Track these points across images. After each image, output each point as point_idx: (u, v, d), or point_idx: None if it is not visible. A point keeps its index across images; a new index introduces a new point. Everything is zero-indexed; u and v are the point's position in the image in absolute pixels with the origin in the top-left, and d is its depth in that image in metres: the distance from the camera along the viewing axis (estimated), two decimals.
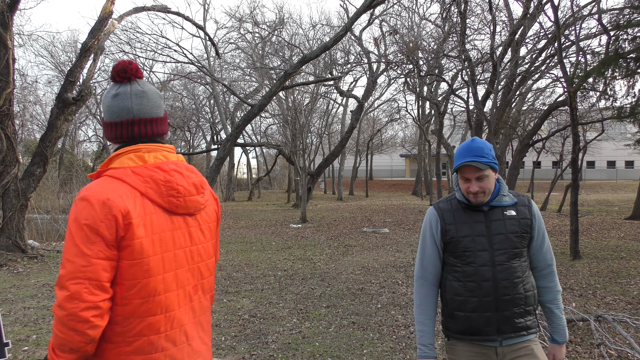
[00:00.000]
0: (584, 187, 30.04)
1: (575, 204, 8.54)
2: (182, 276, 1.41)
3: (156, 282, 1.33)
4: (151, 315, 1.33)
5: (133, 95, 1.43)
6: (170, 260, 1.37)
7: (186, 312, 1.42)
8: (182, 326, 1.41)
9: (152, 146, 1.43)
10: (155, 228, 1.34)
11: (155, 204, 1.36)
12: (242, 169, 45.25)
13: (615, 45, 8.59)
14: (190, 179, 1.44)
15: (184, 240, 1.42)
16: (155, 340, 1.33)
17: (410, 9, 19.59)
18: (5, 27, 7.73)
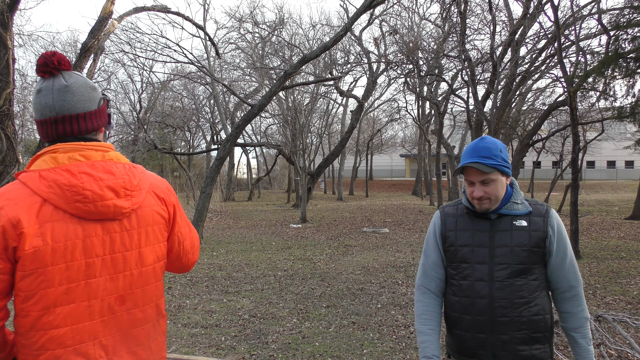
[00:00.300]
0: (584, 187, 30.04)
1: (575, 204, 8.54)
2: (98, 286, 1.28)
3: (57, 293, 1.22)
4: (54, 328, 1.23)
5: (55, 91, 1.31)
6: (79, 270, 1.25)
7: (104, 324, 1.29)
8: (97, 339, 1.28)
9: (71, 145, 1.31)
10: (56, 236, 1.22)
11: (60, 210, 1.24)
12: (242, 169, 45.26)
13: (615, 45, 8.59)
14: (105, 181, 1.29)
15: (100, 248, 1.28)
16: (61, 354, 1.24)
17: (410, 9, 19.60)
18: (5, 27, 7.74)
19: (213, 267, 8.03)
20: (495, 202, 1.74)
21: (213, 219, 16.91)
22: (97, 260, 1.28)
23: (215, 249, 10.09)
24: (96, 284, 1.28)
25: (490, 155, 1.72)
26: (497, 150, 1.73)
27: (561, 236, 1.74)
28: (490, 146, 1.73)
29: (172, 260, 1.54)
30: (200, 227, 11.12)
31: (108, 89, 28.95)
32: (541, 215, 1.76)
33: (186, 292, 6.30)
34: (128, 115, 28.86)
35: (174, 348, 4.22)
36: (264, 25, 21.78)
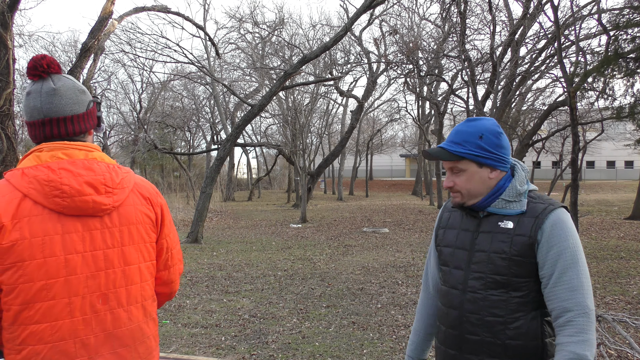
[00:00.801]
0: (583, 187, 30.04)
1: (575, 204, 8.55)
2: (79, 283, 1.27)
3: (35, 288, 1.23)
4: (34, 324, 1.23)
5: (43, 94, 1.34)
6: (58, 265, 1.25)
7: (85, 322, 1.28)
8: (78, 337, 1.27)
9: (55, 144, 1.34)
10: (35, 231, 1.23)
11: (39, 205, 1.25)
12: (242, 169, 45.26)
13: (615, 45, 8.60)
14: (84, 177, 1.30)
15: (80, 244, 1.28)
16: (41, 350, 1.24)
17: (410, 9, 19.60)
18: (5, 27, 7.74)
19: (213, 267, 8.04)
20: (470, 198, 1.46)
21: (213, 219, 16.92)
22: (77, 256, 1.28)
23: (215, 249, 10.10)
24: (77, 280, 1.27)
25: (461, 142, 1.44)
26: (473, 136, 1.43)
27: (556, 244, 1.35)
28: (467, 130, 1.45)
29: (159, 269, 1.50)
30: (200, 227, 11.12)
31: (108, 89, 28.97)
32: (534, 216, 1.39)
33: (186, 292, 6.30)
34: (128, 115, 28.87)
35: (174, 348, 4.22)
36: (264, 25, 21.79)
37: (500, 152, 1.46)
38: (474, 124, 1.46)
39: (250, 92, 23.38)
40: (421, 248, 10.01)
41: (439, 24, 18.21)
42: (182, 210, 17.15)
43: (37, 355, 1.24)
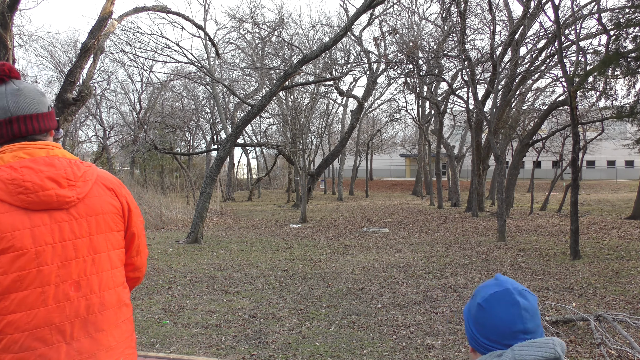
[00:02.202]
0: (584, 187, 30.03)
1: (575, 204, 8.54)
2: (50, 273, 1.34)
3: (9, 280, 1.29)
4: (10, 313, 1.29)
5: (9, 95, 1.42)
6: (29, 257, 1.31)
7: (60, 310, 1.34)
8: (53, 324, 1.33)
9: (16, 145, 1.41)
10: (3, 227, 1.30)
11: (5, 203, 1.32)
12: (242, 169, 45.26)
13: (616, 44, 8.59)
14: (45, 173, 1.37)
15: (50, 236, 1.35)
16: (18, 338, 1.29)
17: (410, 9, 19.60)
18: (5, 27, 7.74)
19: (213, 267, 8.03)
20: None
21: (213, 219, 16.91)
22: (47, 247, 1.34)
23: (215, 249, 10.09)
24: (48, 270, 1.34)
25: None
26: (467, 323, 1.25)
27: None
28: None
29: (132, 256, 1.59)
30: (200, 227, 11.12)
31: (108, 89, 28.96)
32: None
33: (186, 292, 6.29)
34: (128, 115, 28.86)
35: (174, 348, 4.22)
36: (264, 25, 21.79)
37: (482, 338, 1.18)
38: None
39: (250, 92, 23.37)
40: (421, 248, 10.01)
41: (439, 24, 18.20)
42: (182, 210, 17.15)
43: (15, 344, 1.29)
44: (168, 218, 15.32)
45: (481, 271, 7.49)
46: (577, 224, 8.44)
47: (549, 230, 12.56)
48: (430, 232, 12.82)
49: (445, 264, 8.10)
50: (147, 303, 5.71)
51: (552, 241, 10.70)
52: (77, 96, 8.70)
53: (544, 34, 14.74)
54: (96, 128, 32.34)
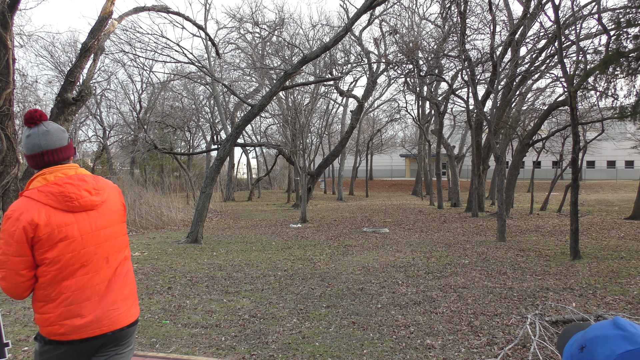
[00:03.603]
0: (584, 187, 30.02)
1: (575, 204, 8.53)
2: (89, 252, 1.98)
3: (66, 258, 1.92)
4: (65, 280, 1.93)
5: (40, 135, 2.00)
6: (77, 242, 1.95)
7: (96, 276, 2.01)
8: (92, 287, 1.99)
9: (53, 168, 2.00)
10: (58, 225, 1.91)
11: (55, 208, 1.93)
12: (242, 169, 45.24)
13: (616, 43, 8.58)
14: (82, 186, 2.01)
15: (88, 228, 1.99)
16: (69, 296, 1.95)
17: (410, 9, 19.59)
18: (5, 27, 7.73)
19: (213, 267, 8.03)
20: None
21: (213, 219, 16.91)
22: (87, 235, 1.99)
23: (215, 249, 10.09)
24: (88, 250, 1.99)
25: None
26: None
27: None
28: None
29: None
30: (200, 227, 11.11)
31: (108, 89, 28.94)
32: None
33: (186, 292, 6.29)
34: (128, 115, 28.86)
35: (174, 348, 4.22)
36: (264, 25, 21.78)
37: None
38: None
39: (250, 92, 23.36)
40: (421, 248, 10.00)
41: (439, 24, 18.20)
42: (182, 210, 17.14)
43: (67, 299, 1.95)
44: (168, 218, 15.32)
45: (481, 271, 7.49)
46: (577, 224, 8.44)
47: (549, 231, 12.56)
48: (430, 232, 12.82)
49: (445, 264, 8.10)
50: (147, 303, 5.70)
51: (552, 241, 10.70)
52: (77, 96, 8.70)
53: (544, 34, 14.73)
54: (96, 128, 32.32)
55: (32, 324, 4.87)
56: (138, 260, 8.59)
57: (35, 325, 4.84)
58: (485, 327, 4.71)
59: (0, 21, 7.65)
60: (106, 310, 2.04)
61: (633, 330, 0.85)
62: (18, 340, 4.38)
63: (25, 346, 4.23)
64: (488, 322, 4.90)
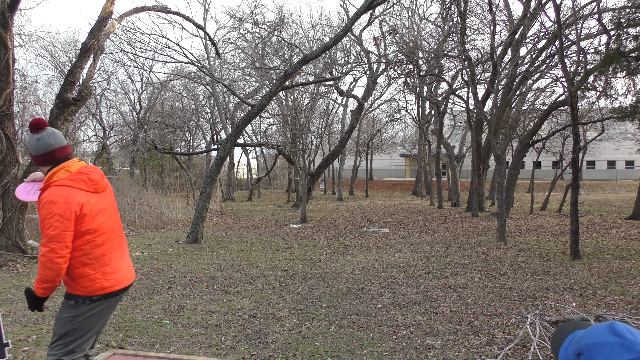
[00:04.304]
0: (584, 187, 30.03)
1: (575, 204, 8.53)
2: (110, 222, 2.65)
3: (103, 228, 2.57)
4: (100, 246, 2.56)
5: (50, 136, 2.52)
6: (102, 215, 2.58)
7: (115, 239, 2.69)
8: (118, 249, 2.70)
9: (70, 162, 2.55)
10: (93, 202, 2.53)
11: (87, 191, 2.52)
12: (242, 169, 45.23)
13: (617, 43, 8.58)
14: (97, 173, 2.62)
15: (106, 204, 2.64)
16: (101, 252, 2.56)
17: (410, 9, 19.60)
18: (5, 27, 7.73)
19: (213, 267, 8.03)
20: None
21: (213, 219, 16.91)
22: (107, 209, 2.64)
23: (215, 249, 10.09)
24: (109, 221, 2.65)
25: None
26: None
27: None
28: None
29: None
30: (200, 227, 11.11)
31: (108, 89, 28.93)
32: None
33: (186, 292, 6.29)
34: (128, 115, 28.85)
35: (174, 348, 4.21)
36: (264, 25, 21.78)
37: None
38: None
39: (250, 92, 23.35)
40: (421, 248, 10.00)
41: (439, 24, 18.19)
42: (182, 210, 17.14)
43: (108, 259, 2.58)
44: (168, 218, 15.32)
45: (481, 271, 7.49)
46: (577, 224, 8.44)
47: (549, 231, 12.56)
48: (430, 232, 12.82)
49: (445, 264, 8.10)
50: (147, 303, 5.70)
51: (552, 241, 10.70)
52: (77, 96, 8.69)
53: (544, 34, 14.73)
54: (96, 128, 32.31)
55: (32, 324, 4.88)
56: (138, 260, 8.58)
57: (35, 325, 4.84)
58: (485, 327, 4.71)
59: (0, 21, 7.64)
60: (127, 265, 2.74)
61: (632, 338, 0.82)
62: (18, 340, 4.38)
63: (25, 346, 4.23)
64: (488, 322, 4.89)
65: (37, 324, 4.89)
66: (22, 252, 8.21)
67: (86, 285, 2.47)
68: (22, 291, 6.26)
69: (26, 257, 8.13)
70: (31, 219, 11.18)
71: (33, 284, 2.46)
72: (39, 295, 2.44)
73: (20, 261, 7.96)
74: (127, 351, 4.00)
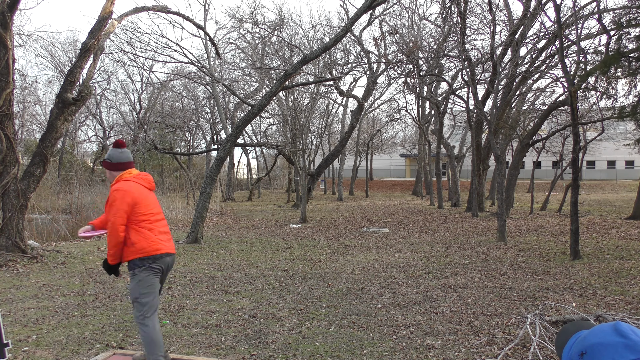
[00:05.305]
0: (584, 187, 30.02)
1: (575, 204, 8.53)
2: (158, 210, 3.62)
3: (153, 210, 3.55)
4: (156, 221, 3.56)
5: (127, 153, 3.64)
6: (151, 205, 3.54)
7: (163, 222, 3.64)
8: (164, 226, 3.63)
9: (130, 170, 3.63)
10: (146, 195, 3.55)
11: (144, 186, 3.60)
12: (242, 169, 45.23)
13: (618, 43, 8.57)
14: (148, 176, 3.70)
15: (154, 198, 3.65)
16: (159, 232, 3.54)
17: (410, 9, 19.60)
18: (5, 27, 7.73)
19: (213, 267, 8.03)
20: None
21: (213, 219, 16.91)
22: (155, 202, 3.65)
23: (215, 249, 10.09)
24: (157, 210, 3.62)
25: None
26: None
27: None
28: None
29: None
30: (200, 227, 11.11)
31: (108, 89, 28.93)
32: None
33: (186, 292, 6.29)
34: (128, 115, 28.85)
35: (174, 348, 4.21)
36: (264, 25, 21.77)
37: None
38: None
39: (250, 92, 23.35)
40: (421, 248, 10.00)
41: (439, 24, 18.19)
42: (182, 210, 17.14)
43: (160, 231, 3.55)
44: (168, 218, 15.32)
45: (481, 271, 7.49)
46: (577, 224, 8.44)
47: (549, 231, 12.56)
48: (430, 232, 12.82)
49: (445, 264, 8.10)
50: None
51: (552, 241, 10.70)
52: (77, 96, 8.69)
53: (544, 34, 14.73)
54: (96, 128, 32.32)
55: (32, 324, 4.88)
56: None
57: (35, 325, 4.84)
58: (485, 327, 4.71)
59: (0, 21, 7.64)
60: (169, 240, 3.61)
61: (636, 339, 0.81)
62: (18, 340, 4.38)
63: (25, 346, 4.23)
64: (488, 322, 4.89)
65: (37, 324, 4.89)
66: (22, 252, 8.21)
67: (145, 245, 3.41)
68: (22, 291, 6.26)
69: (26, 258, 8.13)
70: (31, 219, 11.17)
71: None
72: (110, 263, 3.44)
73: (20, 261, 7.96)
74: (127, 351, 4.00)
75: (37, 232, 12.14)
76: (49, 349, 4.18)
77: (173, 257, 3.59)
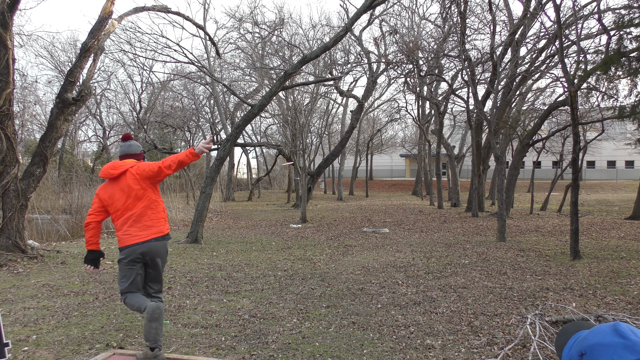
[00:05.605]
0: (584, 187, 30.03)
1: (575, 204, 8.53)
2: (121, 204, 3.72)
3: (116, 211, 3.74)
4: (118, 221, 3.75)
5: (124, 145, 3.94)
6: (116, 203, 3.77)
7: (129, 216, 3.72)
8: (130, 219, 3.67)
9: (127, 160, 3.82)
10: (108, 194, 3.76)
11: (111, 182, 3.78)
12: (242, 169, 45.24)
13: (618, 43, 8.57)
14: (113, 162, 3.82)
15: (122, 188, 3.85)
16: (121, 224, 3.67)
17: (410, 9, 19.59)
18: (5, 27, 7.73)
19: (213, 267, 8.03)
20: None
21: (213, 219, 16.91)
22: (120, 196, 3.74)
23: (215, 249, 10.09)
24: (120, 204, 3.71)
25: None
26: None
27: None
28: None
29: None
30: (200, 227, 11.11)
31: (108, 89, 28.92)
32: None
33: (186, 292, 6.29)
34: (128, 115, 28.84)
35: (174, 348, 4.21)
36: (264, 25, 21.77)
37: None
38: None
39: (250, 92, 23.35)
40: (421, 248, 10.00)
41: (439, 24, 18.19)
42: (182, 210, 17.14)
43: (124, 226, 3.67)
44: (168, 218, 15.31)
45: (481, 271, 7.49)
46: (577, 224, 8.44)
47: (549, 231, 12.56)
48: (430, 232, 12.82)
49: (445, 264, 8.10)
50: None
51: (552, 241, 10.70)
52: (77, 96, 8.69)
53: (544, 34, 14.73)
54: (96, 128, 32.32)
55: (32, 324, 4.88)
56: None
57: (35, 325, 4.84)
58: (485, 327, 4.71)
59: (0, 21, 7.64)
60: (142, 228, 3.67)
61: (635, 339, 0.81)
62: (18, 340, 4.37)
63: (25, 346, 4.23)
64: (488, 322, 4.89)
65: (37, 324, 4.89)
66: (22, 252, 8.21)
67: (121, 237, 3.73)
68: (22, 291, 6.26)
69: (26, 257, 8.13)
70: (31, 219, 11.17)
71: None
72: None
73: (20, 261, 7.95)
74: (127, 351, 4.00)
75: (37, 232, 12.14)
76: (49, 348, 4.18)
77: (148, 244, 3.68)
